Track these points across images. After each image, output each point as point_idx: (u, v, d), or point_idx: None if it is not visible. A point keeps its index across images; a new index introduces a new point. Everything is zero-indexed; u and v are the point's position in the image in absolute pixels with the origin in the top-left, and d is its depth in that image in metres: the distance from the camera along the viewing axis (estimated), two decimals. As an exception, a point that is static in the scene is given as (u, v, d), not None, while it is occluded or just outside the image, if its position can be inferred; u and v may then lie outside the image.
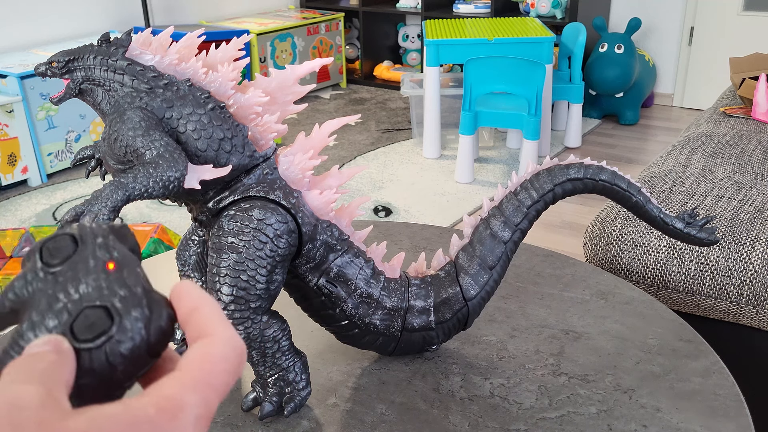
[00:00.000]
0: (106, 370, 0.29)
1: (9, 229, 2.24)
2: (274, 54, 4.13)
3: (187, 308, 0.30)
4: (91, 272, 0.30)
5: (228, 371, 0.29)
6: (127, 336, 0.29)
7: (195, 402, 0.27)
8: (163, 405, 0.26)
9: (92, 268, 0.30)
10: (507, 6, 4.21)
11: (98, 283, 0.30)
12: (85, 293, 0.29)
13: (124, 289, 0.30)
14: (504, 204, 0.82)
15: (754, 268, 1.22)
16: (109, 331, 0.29)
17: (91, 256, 0.30)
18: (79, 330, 0.29)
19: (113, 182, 0.66)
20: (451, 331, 0.83)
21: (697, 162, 1.67)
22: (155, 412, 0.26)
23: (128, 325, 0.29)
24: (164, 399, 0.27)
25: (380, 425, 0.75)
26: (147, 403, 0.26)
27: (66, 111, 3.13)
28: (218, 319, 0.30)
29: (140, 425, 0.25)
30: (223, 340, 0.29)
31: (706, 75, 4.01)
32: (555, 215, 2.72)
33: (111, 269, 0.30)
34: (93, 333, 0.29)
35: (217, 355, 0.29)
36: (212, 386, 0.28)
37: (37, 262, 0.30)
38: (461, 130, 2.95)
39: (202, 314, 0.30)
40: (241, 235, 0.70)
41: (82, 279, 0.30)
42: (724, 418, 0.75)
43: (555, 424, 0.75)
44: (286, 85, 0.74)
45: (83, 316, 0.29)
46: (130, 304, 0.29)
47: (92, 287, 0.30)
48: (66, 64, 0.73)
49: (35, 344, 0.28)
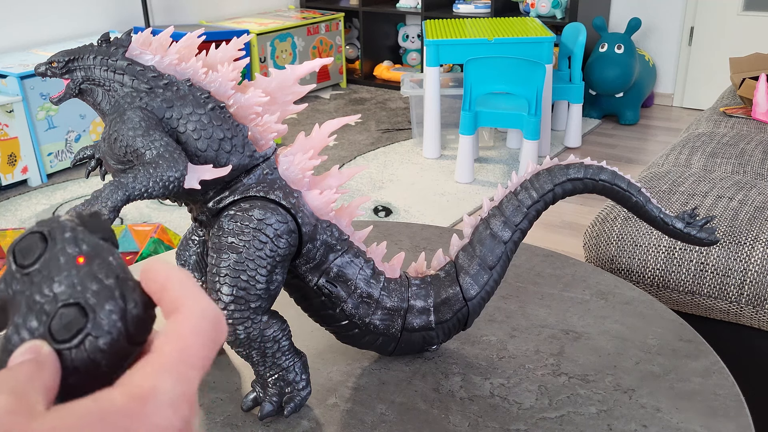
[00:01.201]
0: (90, 366, 0.29)
1: (9, 229, 2.24)
2: (274, 54, 4.13)
3: (156, 288, 0.30)
4: (62, 269, 0.30)
5: (203, 343, 0.28)
6: (103, 330, 0.29)
7: (169, 384, 0.26)
8: (134, 392, 0.26)
9: (63, 264, 0.30)
10: (507, 6, 4.21)
11: (70, 280, 0.30)
12: (60, 292, 0.29)
13: (95, 283, 0.30)
14: (504, 204, 0.82)
15: (754, 268, 1.22)
16: (85, 329, 0.29)
17: (60, 253, 0.30)
18: (57, 331, 0.29)
19: (113, 182, 0.66)
20: (451, 331, 0.83)
21: (697, 162, 1.67)
22: (125, 400, 0.26)
23: (103, 319, 0.29)
24: (134, 386, 0.26)
25: (380, 425, 0.75)
26: (117, 393, 0.26)
27: (66, 111, 3.13)
28: (187, 291, 0.29)
29: (110, 416, 0.25)
30: (194, 313, 0.29)
31: (706, 75, 4.01)
32: (555, 215, 2.72)
33: (81, 263, 0.30)
34: (69, 333, 0.29)
35: (188, 329, 0.28)
36: (188, 363, 0.27)
37: (11, 264, 0.30)
38: (461, 130, 2.95)
39: (171, 289, 0.29)
40: (241, 235, 0.70)
41: (55, 277, 0.30)
42: (724, 418, 0.75)
43: (555, 424, 0.75)
44: (286, 85, 0.74)
45: (59, 316, 0.29)
46: (102, 297, 0.29)
47: (65, 284, 0.29)
48: (66, 64, 0.73)
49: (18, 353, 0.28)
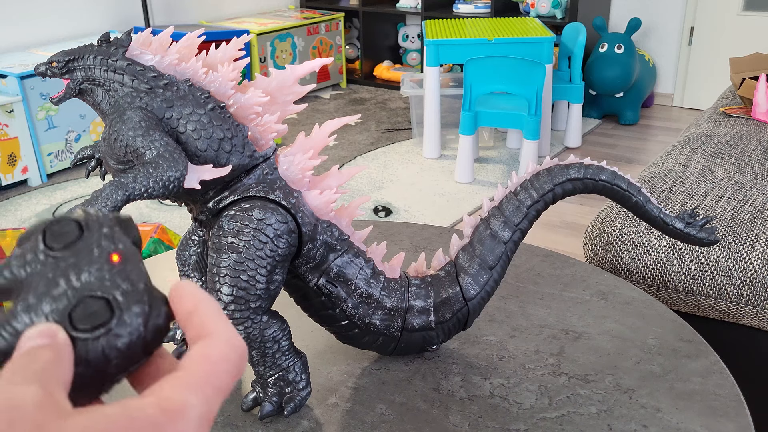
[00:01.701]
0: (101, 362, 0.28)
1: (9, 229, 2.24)
2: (274, 54, 4.13)
3: (187, 308, 0.30)
4: (94, 261, 0.29)
5: (229, 371, 0.28)
6: (126, 331, 0.29)
7: (197, 402, 0.27)
8: (165, 406, 0.26)
9: (96, 257, 0.29)
10: (507, 6, 4.21)
11: (101, 274, 0.29)
12: (87, 282, 0.29)
13: (126, 283, 0.29)
14: (504, 204, 0.82)
15: (754, 268, 1.22)
16: (109, 324, 0.28)
17: (95, 245, 0.30)
18: (78, 319, 0.28)
19: (113, 182, 0.66)
20: (451, 331, 0.83)
21: (697, 162, 1.67)
22: (157, 412, 0.26)
23: (128, 319, 0.29)
24: (165, 400, 0.26)
25: (380, 425, 0.75)
26: (148, 404, 0.26)
27: (66, 111, 3.13)
28: (218, 318, 0.30)
29: (141, 426, 0.25)
30: (224, 340, 0.29)
31: (706, 75, 4.01)
32: (555, 215, 2.72)
33: (115, 261, 0.30)
34: (92, 323, 0.28)
35: (218, 355, 0.28)
36: (214, 386, 0.28)
37: (39, 243, 0.29)
38: (461, 130, 2.95)
39: (202, 314, 0.30)
40: (241, 235, 0.70)
41: (85, 267, 0.29)
42: (724, 418, 0.75)
43: (555, 424, 0.75)
44: (286, 85, 0.74)
45: (83, 305, 0.28)
46: (131, 299, 0.29)
47: (95, 277, 0.29)
48: (66, 64, 0.73)
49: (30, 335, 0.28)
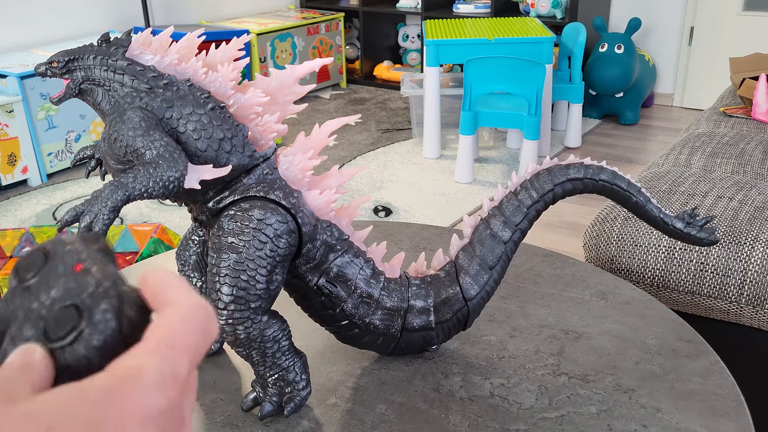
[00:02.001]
0: (83, 364, 0.29)
1: (9, 229, 2.24)
2: (274, 54, 4.13)
3: (151, 291, 0.31)
4: (60, 276, 0.30)
5: (192, 330, 0.29)
6: (97, 328, 0.29)
7: (155, 365, 0.27)
8: (118, 372, 0.27)
9: (61, 272, 0.31)
10: (507, 6, 4.21)
11: (67, 285, 0.30)
12: (56, 296, 0.30)
13: (91, 285, 0.30)
14: (504, 204, 0.82)
15: (754, 268, 1.22)
16: (79, 326, 0.29)
17: (60, 263, 0.31)
18: (51, 331, 0.29)
19: (113, 182, 0.66)
20: (451, 331, 0.83)
21: (697, 162, 1.67)
22: (109, 379, 0.26)
23: (97, 316, 0.29)
24: (119, 367, 0.27)
25: (380, 425, 0.75)
26: (102, 374, 0.27)
27: (66, 111, 3.13)
28: (179, 291, 0.30)
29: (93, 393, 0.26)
30: (182, 305, 0.30)
31: (706, 75, 4.01)
32: (555, 215, 2.72)
33: (78, 270, 0.31)
34: (63, 330, 0.29)
35: (177, 317, 0.29)
36: (175, 346, 0.28)
37: (12, 280, 0.31)
38: (461, 130, 2.95)
39: (164, 291, 0.30)
40: (241, 235, 0.70)
41: (53, 284, 0.30)
42: (724, 418, 0.75)
43: (555, 424, 0.75)
44: (286, 85, 0.74)
45: (54, 317, 0.29)
46: (98, 298, 0.30)
47: (62, 290, 0.30)
48: (66, 64, 0.73)
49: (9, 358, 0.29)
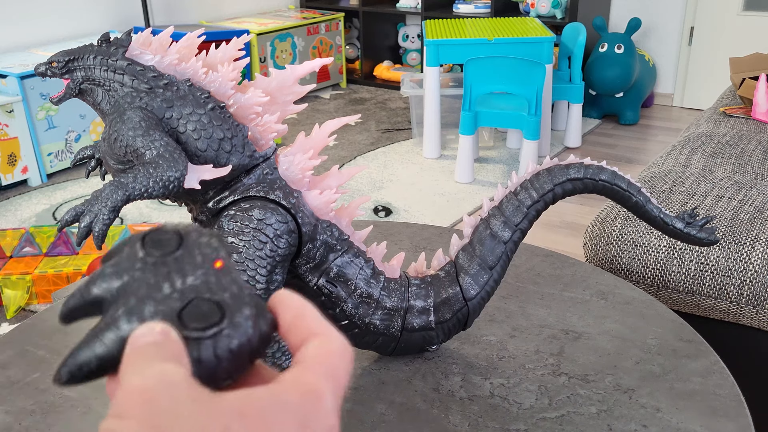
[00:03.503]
0: (212, 363, 0.28)
1: (9, 229, 2.24)
2: (274, 54, 4.13)
3: (291, 314, 0.30)
4: (198, 266, 0.29)
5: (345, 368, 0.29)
6: (237, 332, 0.28)
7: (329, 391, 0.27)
8: (305, 390, 0.26)
9: (200, 263, 0.29)
10: (507, 6, 4.21)
11: (207, 278, 0.29)
12: (193, 285, 0.29)
13: (234, 286, 0.29)
14: (504, 204, 0.82)
15: (754, 268, 1.22)
16: (221, 324, 0.28)
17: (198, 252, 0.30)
18: (189, 318, 0.28)
19: (113, 182, 0.66)
20: (451, 331, 0.83)
21: (697, 162, 1.67)
22: (299, 396, 0.26)
23: (239, 321, 0.29)
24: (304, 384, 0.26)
25: (380, 425, 0.75)
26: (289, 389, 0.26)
27: (66, 111, 3.13)
28: (325, 323, 0.30)
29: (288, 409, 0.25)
30: (336, 339, 0.29)
31: (706, 75, 4.01)
32: (555, 215, 2.72)
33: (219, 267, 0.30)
34: (205, 323, 0.28)
35: (335, 350, 0.29)
36: (337, 379, 0.28)
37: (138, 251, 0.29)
38: (461, 130, 2.95)
39: (309, 317, 0.30)
40: (241, 235, 0.70)
41: (190, 271, 0.29)
42: (724, 418, 0.75)
43: (555, 424, 0.75)
44: (286, 85, 0.74)
45: (193, 306, 0.28)
46: (240, 302, 0.29)
47: (201, 281, 0.29)
48: (66, 64, 0.73)
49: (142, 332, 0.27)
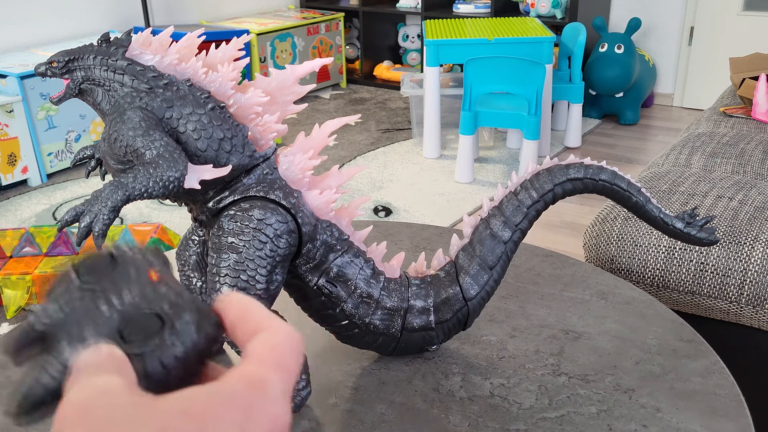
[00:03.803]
0: (160, 374, 0.28)
1: (9, 229, 2.24)
2: (274, 54, 4.13)
3: (234, 313, 0.31)
4: (133, 282, 0.29)
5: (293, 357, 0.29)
6: (179, 339, 0.28)
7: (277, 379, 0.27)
8: (249, 380, 0.26)
9: (134, 278, 0.29)
10: (507, 6, 4.21)
11: (143, 291, 0.29)
12: (131, 301, 0.29)
13: (171, 294, 0.29)
14: (504, 204, 0.82)
15: (754, 268, 1.21)
16: (162, 334, 0.28)
17: (131, 268, 0.30)
18: (130, 334, 0.28)
19: (113, 182, 0.66)
20: (451, 331, 0.83)
21: (697, 162, 1.67)
22: (244, 387, 0.26)
23: (180, 327, 0.29)
24: (248, 375, 0.27)
25: (380, 425, 0.75)
26: (232, 382, 0.26)
27: (66, 111, 3.13)
28: (268, 315, 0.30)
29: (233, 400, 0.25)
30: (282, 330, 0.30)
31: (706, 75, 4.01)
32: (555, 215, 2.72)
33: (154, 278, 0.30)
34: (145, 336, 0.28)
35: (281, 341, 0.29)
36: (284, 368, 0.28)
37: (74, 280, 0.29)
38: (461, 130, 2.95)
39: (252, 314, 0.30)
40: (241, 235, 0.70)
41: (125, 289, 0.29)
42: (724, 418, 0.75)
43: (555, 424, 0.75)
44: (286, 85, 0.74)
45: (132, 322, 0.28)
46: (179, 309, 0.29)
47: (138, 295, 0.29)
48: (66, 64, 0.73)
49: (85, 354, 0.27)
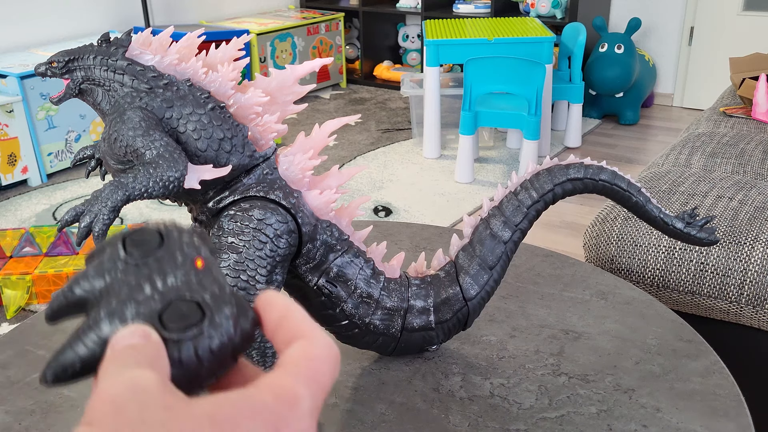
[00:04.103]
0: (193, 364, 0.28)
1: (9, 229, 2.24)
2: (274, 54, 4.13)
3: (277, 314, 0.30)
4: (179, 266, 0.29)
5: (328, 372, 0.28)
6: (217, 332, 0.28)
7: (308, 394, 0.27)
8: (280, 393, 0.26)
9: (180, 262, 0.29)
10: (507, 6, 4.21)
11: (188, 278, 0.29)
12: (174, 285, 0.29)
13: (215, 286, 0.29)
14: (504, 204, 0.82)
15: (754, 268, 1.21)
16: (201, 324, 0.28)
17: (178, 252, 0.30)
18: (169, 320, 0.28)
19: (113, 182, 0.66)
20: (451, 331, 0.83)
21: (697, 162, 1.67)
22: (273, 400, 0.26)
23: (219, 321, 0.29)
24: (280, 388, 0.26)
25: (380, 425, 0.75)
26: (264, 392, 0.26)
27: (66, 111, 3.13)
28: (311, 323, 0.30)
29: (261, 412, 0.25)
30: (321, 341, 0.29)
31: (706, 75, 4.01)
32: (555, 215, 2.72)
33: (200, 266, 0.30)
34: (184, 324, 0.28)
35: (319, 354, 0.29)
36: (318, 383, 0.28)
37: (119, 251, 0.29)
38: (461, 130, 2.95)
39: (295, 319, 0.30)
40: (241, 235, 0.70)
41: (170, 272, 0.29)
42: (724, 418, 0.75)
43: (555, 424, 0.75)
44: (286, 85, 0.74)
45: (173, 307, 0.28)
46: (221, 301, 0.29)
47: (181, 281, 0.29)
48: (66, 64, 0.73)
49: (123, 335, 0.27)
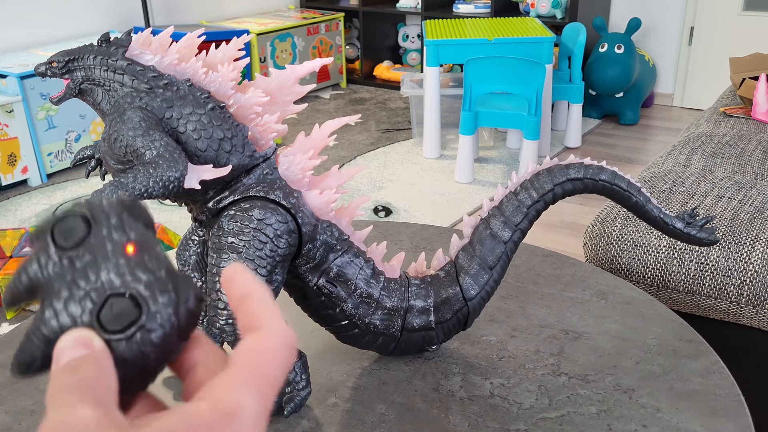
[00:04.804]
0: (139, 360, 0.28)
1: (9, 229, 2.24)
2: (274, 54, 4.13)
3: (239, 293, 0.30)
4: (110, 257, 0.29)
5: (281, 364, 0.28)
6: (157, 324, 0.28)
7: (252, 401, 0.27)
8: (220, 408, 0.26)
9: (111, 252, 0.29)
10: (507, 6, 4.21)
11: (119, 270, 0.28)
12: (107, 280, 0.28)
13: (147, 274, 0.29)
14: (504, 204, 0.82)
15: (754, 268, 1.22)
16: (139, 321, 0.28)
17: (107, 239, 0.29)
18: (107, 321, 0.28)
19: (113, 182, 0.66)
20: (451, 331, 0.83)
21: (697, 162, 1.67)
22: (212, 416, 0.26)
23: (157, 312, 0.28)
24: (220, 402, 0.26)
25: (380, 425, 0.75)
26: (204, 409, 0.26)
27: (66, 111, 3.13)
28: (268, 309, 0.30)
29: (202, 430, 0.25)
30: (275, 332, 0.29)
31: (706, 75, 4.01)
32: (555, 215, 2.72)
33: (130, 253, 0.29)
34: (122, 324, 0.28)
35: (270, 348, 0.28)
36: (267, 379, 0.28)
37: (49, 245, 0.29)
38: (461, 130, 2.95)
39: (253, 303, 0.30)
40: (241, 235, 0.70)
41: (102, 265, 0.28)
42: (724, 418, 0.75)
43: (555, 424, 0.75)
44: (286, 85, 0.74)
45: (109, 306, 0.28)
46: (156, 290, 0.28)
47: (114, 273, 0.28)
48: (66, 64, 0.73)
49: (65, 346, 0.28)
